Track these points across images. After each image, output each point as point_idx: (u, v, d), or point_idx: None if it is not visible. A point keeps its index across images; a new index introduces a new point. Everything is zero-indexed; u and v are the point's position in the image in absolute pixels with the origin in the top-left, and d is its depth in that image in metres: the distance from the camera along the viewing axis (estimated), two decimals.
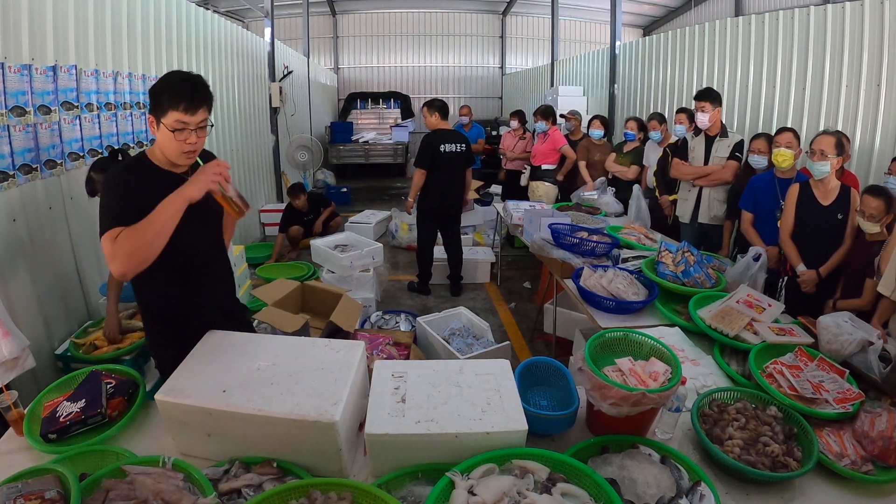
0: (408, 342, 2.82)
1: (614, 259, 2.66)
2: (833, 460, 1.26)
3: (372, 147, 10.19)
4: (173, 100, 1.31)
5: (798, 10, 3.72)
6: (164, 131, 1.33)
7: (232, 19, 8.68)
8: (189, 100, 1.32)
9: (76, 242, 2.70)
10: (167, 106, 1.31)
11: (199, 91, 1.35)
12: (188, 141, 1.35)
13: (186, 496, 1.04)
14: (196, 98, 1.33)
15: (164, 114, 1.32)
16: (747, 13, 9.24)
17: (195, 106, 1.33)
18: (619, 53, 6.44)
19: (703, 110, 3.35)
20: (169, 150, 1.37)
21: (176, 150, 1.36)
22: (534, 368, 1.53)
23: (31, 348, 1.68)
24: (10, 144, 2.26)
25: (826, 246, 2.55)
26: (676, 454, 1.23)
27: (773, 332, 1.79)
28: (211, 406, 1.18)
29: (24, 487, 1.04)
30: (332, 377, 1.28)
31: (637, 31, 13.41)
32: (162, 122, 1.33)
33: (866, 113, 3.26)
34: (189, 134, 1.34)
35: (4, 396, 1.34)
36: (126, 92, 3.19)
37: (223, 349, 1.39)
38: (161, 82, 1.35)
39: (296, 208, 5.40)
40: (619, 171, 4.51)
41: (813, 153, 2.47)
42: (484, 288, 4.76)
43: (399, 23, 12.90)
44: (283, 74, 6.91)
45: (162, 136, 1.35)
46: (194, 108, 1.33)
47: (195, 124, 1.35)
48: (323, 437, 1.15)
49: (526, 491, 1.04)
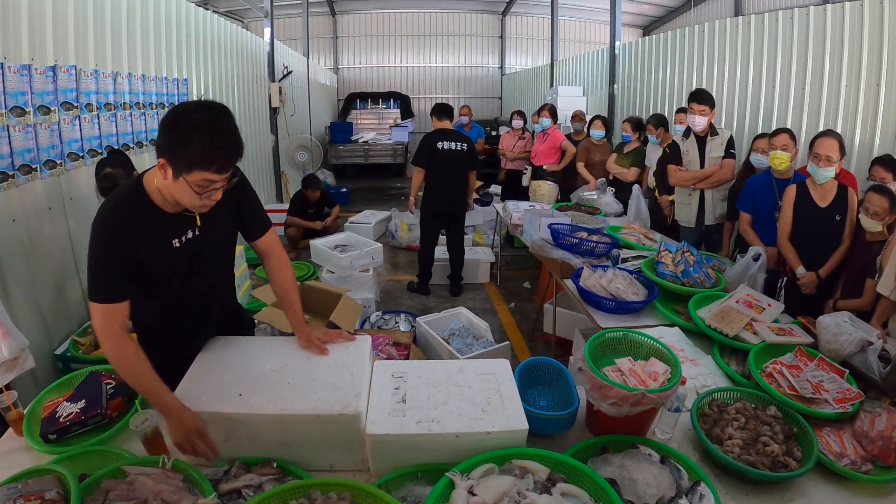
0: (407, 342, 2.82)
1: (614, 259, 2.66)
2: (833, 460, 1.26)
3: (372, 147, 10.19)
4: (206, 160, 1.12)
5: (798, 10, 3.72)
6: (184, 185, 1.15)
7: (232, 19, 8.67)
8: (225, 161, 1.15)
9: (76, 243, 2.70)
10: (194, 164, 1.12)
11: (236, 150, 1.16)
12: (213, 198, 1.20)
13: (186, 496, 1.04)
14: (233, 158, 1.16)
15: (187, 171, 1.13)
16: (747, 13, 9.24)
17: (229, 166, 1.17)
18: (619, 53, 6.44)
19: (703, 114, 3.27)
20: (184, 200, 1.20)
21: (194, 205, 1.21)
22: (534, 368, 1.53)
23: (30, 348, 1.68)
24: (10, 144, 2.26)
25: (825, 247, 2.53)
26: (676, 454, 1.23)
27: (772, 332, 1.79)
28: (230, 410, 1.18)
29: (24, 488, 1.04)
30: (347, 371, 1.30)
31: (637, 31, 13.41)
32: (183, 177, 1.14)
33: (866, 113, 3.26)
34: (214, 191, 1.19)
35: (4, 396, 1.34)
36: (126, 92, 3.19)
37: (229, 354, 1.40)
38: (185, 128, 1.11)
39: (307, 199, 5.47)
40: (620, 172, 4.51)
41: (818, 158, 2.43)
42: (484, 288, 4.76)
43: (399, 23, 12.90)
44: (282, 74, 6.91)
45: (179, 187, 1.16)
46: (228, 167, 1.17)
47: (223, 181, 1.18)
48: (347, 430, 1.17)
49: (526, 491, 1.04)
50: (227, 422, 1.19)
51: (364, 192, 9.20)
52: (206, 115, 1.14)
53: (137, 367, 1.22)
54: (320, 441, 1.20)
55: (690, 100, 3.34)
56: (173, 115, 1.15)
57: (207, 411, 1.18)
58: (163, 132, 1.15)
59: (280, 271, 1.54)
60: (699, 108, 3.28)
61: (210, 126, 1.13)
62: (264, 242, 1.53)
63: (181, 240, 1.32)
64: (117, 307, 1.23)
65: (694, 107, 3.30)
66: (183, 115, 1.14)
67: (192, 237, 1.34)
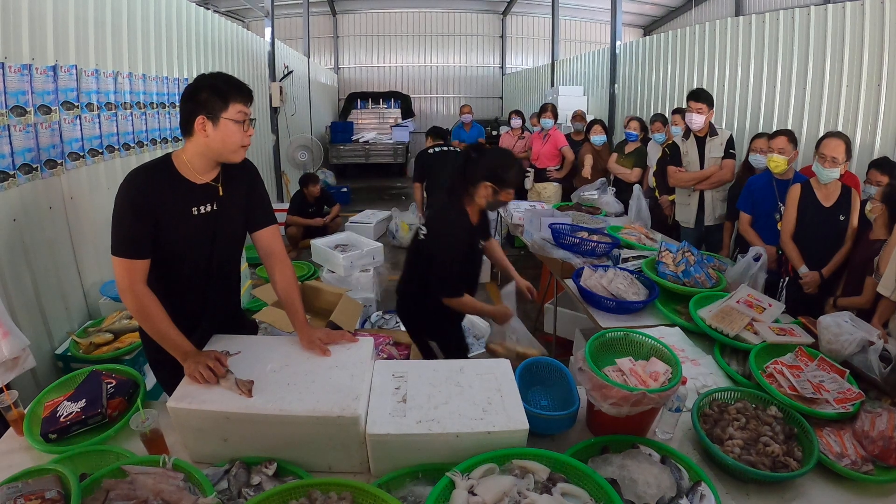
0: (408, 342, 2.82)
1: (614, 259, 2.66)
2: (833, 460, 1.26)
3: (372, 147, 10.19)
4: (239, 92, 1.37)
5: (798, 10, 3.72)
6: (227, 125, 1.35)
7: (232, 19, 8.67)
8: (248, 92, 1.40)
9: (76, 242, 2.70)
10: (231, 99, 1.35)
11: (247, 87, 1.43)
12: (249, 133, 1.40)
13: (186, 496, 1.04)
14: (249, 91, 1.41)
15: (225, 108, 1.34)
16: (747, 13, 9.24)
17: (251, 97, 1.41)
18: (620, 53, 6.44)
19: (700, 112, 3.27)
20: (231, 142, 1.38)
21: (238, 142, 1.38)
22: (534, 368, 1.53)
23: (31, 348, 1.67)
24: (11, 144, 2.26)
25: (827, 247, 2.53)
26: (677, 454, 1.23)
27: (773, 332, 1.79)
28: (229, 410, 1.18)
29: (25, 487, 1.04)
30: (348, 373, 1.30)
31: (637, 31, 13.41)
32: (223, 118, 1.34)
33: (867, 113, 3.26)
34: (249, 126, 1.39)
35: (4, 396, 1.34)
36: (126, 92, 3.19)
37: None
38: (209, 83, 1.36)
39: (306, 197, 5.48)
40: (622, 173, 4.51)
41: (824, 158, 2.42)
42: (484, 288, 4.76)
43: (399, 23, 12.90)
44: (283, 74, 6.91)
45: (222, 132, 1.36)
46: (251, 99, 1.41)
47: (251, 116, 1.41)
48: (346, 432, 1.17)
49: (526, 491, 1.04)
50: (226, 421, 1.19)
51: (364, 191, 9.20)
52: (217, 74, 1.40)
53: (157, 318, 1.35)
54: (319, 442, 1.20)
55: (689, 98, 3.35)
56: (192, 84, 1.37)
57: (204, 410, 1.18)
58: (189, 98, 1.35)
59: (282, 271, 1.57)
60: (697, 107, 3.27)
61: (222, 76, 1.39)
62: (266, 238, 1.56)
63: (200, 210, 1.42)
64: (138, 263, 1.35)
65: (692, 105, 3.30)
66: (199, 80, 1.37)
67: (210, 211, 1.44)
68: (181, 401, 1.20)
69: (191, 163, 1.40)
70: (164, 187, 1.37)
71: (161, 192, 1.36)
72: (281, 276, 1.56)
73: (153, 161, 1.44)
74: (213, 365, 1.26)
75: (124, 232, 1.34)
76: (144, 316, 1.35)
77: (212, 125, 1.35)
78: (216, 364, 1.26)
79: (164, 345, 1.35)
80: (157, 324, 1.35)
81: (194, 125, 1.35)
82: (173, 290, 1.47)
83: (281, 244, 1.60)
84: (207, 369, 1.25)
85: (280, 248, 1.58)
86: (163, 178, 1.38)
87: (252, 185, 1.55)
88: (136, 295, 1.34)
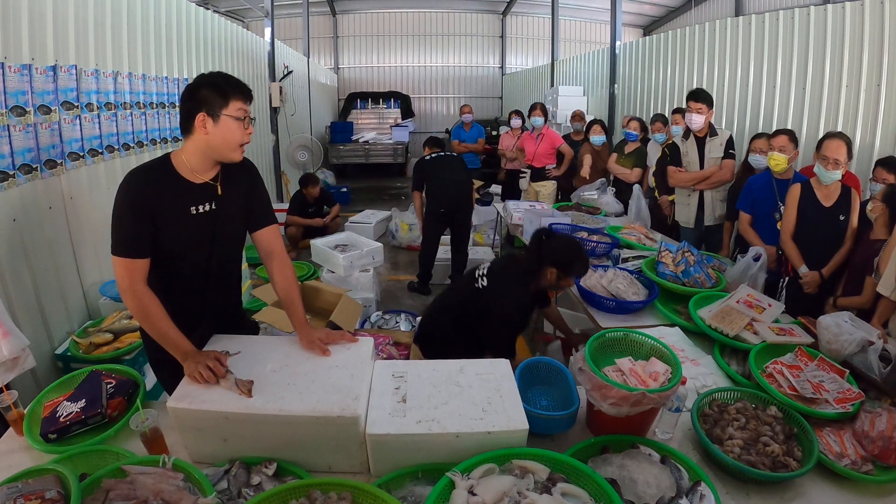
0: (408, 342, 2.81)
1: (614, 259, 2.66)
2: (833, 460, 1.26)
3: (372, 147, 10.17)
4: (239, 90, 1.38)
5: (798, 10, 3.72)
6: (228, 123, 1.36)
7: (232, 19, 8.67)
8: (248, 91, 1.41)
9: (76, 242, 2.70)
10: (231, 96, 1.36)
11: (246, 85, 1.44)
12: (249, 131, 1.41)
13: (186, 496, 1.04)
14: (248, 89, 1.43)
15: (225, 105, 1.35)
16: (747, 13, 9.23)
17: (251, 96, 1.43)
18: (620, 53, 6.44)
19: (700, 112, 3.26)
20: (231, 140, 1.38)
21: (238, 140, 1.39)
22: (534, 368, 1.53)
23: (31, 348, 1.67)
24: (11, 144, 2.25)
25: (828, 247, 2.52)
26: (676, 454, 1.23)
27: (773, 332, 1.79)
28: (229, 410, 1.18)
29: (25, 487, 1.04)
30: (348, 373, 1.30)
31: (637, 31, 13.41)
32: (224, 115, 1.35)
33: (866, 113, 3.26)
34: (248, 123, 1.40)
35: (4, 396, 1.34)
36: (126, 92, 3.19)
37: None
38: (208, 81, 1.37)
39: (306, 197, 5.47)
40: (622, 173, 4.50)
41: (825, 160, 2.42)
42: None
43: (399, 23, 12.90)
44: (283, 74, 6.91)
45: (222, 129, 1.36)
46: (251, 98, 1.42)
47: (250, 113, 1.42)
48: (345, 432, 1.17)
49: (526, 491, 1.04)
50: (226, 421, 1.19)
51: (364, 191, 9.19)
52: (217, 74, 1.40)
53: (157, 318, 1.35)
54: (319, 443, 1.20)
55: (688, 98, 3.34)
56: (193, 83, 1.37)
57: (205, 410, 1.18)
58: (190, 96, 1.36)
59: (282, 271, 1.57)
60: (696, 107, 3.27)
61: (222, 73, 1.41)
62: (266, 238, 1.57)
63: (199, 209, 1.43)
64: (138, 263, 1.35)
65: (691, 105, 3.29)
66: (199, 79, 1.38)
67: (209, 210, 1.44)
68: (181, 401, 1.20)
69: (190, 162, 1.40)
70: (162, 187, 1.37)
71: (160, 192, 1.36)
72: (281, 275, 1.56)
73: (152, 161, 1.44)
74: (212, 365, 1.26)
75: (124, 232, 1.34)
76: (144, 315, 1.36)
77: (212, 122, 1.35)
78: (216, 364, 1.26)
79: (164, 344, 1.36)
80: (157, 323, 1.35)
81: (194, 123, 1.35)
82: (173, 289, 1.47)
83: (281, 244, 1.60)
84: (207, 369, 1.25)
85: (280, 248, 1.59)
86: (161, 178, 1.38)
87: (252, 185, 1.55)
88: (136, 294, 1.34)
